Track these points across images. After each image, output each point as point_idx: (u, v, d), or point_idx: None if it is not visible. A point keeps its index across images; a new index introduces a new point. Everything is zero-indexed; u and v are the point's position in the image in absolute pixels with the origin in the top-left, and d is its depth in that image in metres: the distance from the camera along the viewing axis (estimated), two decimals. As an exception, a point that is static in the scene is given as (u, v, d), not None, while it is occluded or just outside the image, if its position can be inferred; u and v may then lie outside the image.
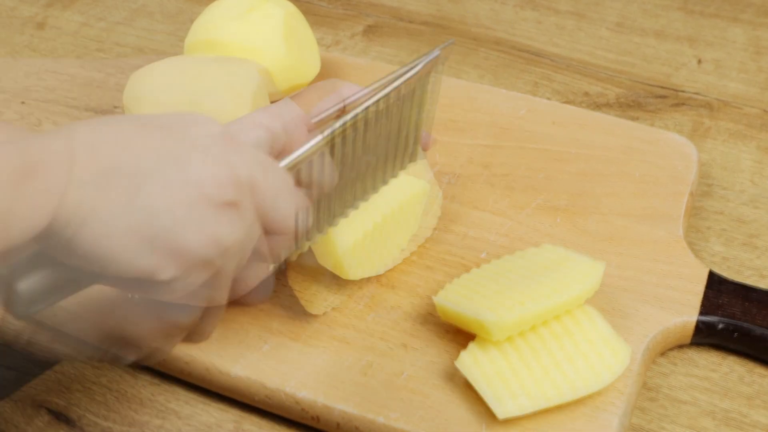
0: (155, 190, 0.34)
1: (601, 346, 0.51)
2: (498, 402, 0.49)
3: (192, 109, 0.62)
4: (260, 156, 0.39)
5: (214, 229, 0.35)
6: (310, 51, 0.72)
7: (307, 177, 0.46)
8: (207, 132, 0.37)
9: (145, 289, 0.37)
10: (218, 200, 0.35)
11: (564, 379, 0.49)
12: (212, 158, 0.36)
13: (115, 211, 0.33)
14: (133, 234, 0.33)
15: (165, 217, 0.34)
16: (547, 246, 0.57)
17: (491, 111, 0.71)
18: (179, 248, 0.34)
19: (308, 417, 0.52)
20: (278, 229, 0.39)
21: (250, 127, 0.42)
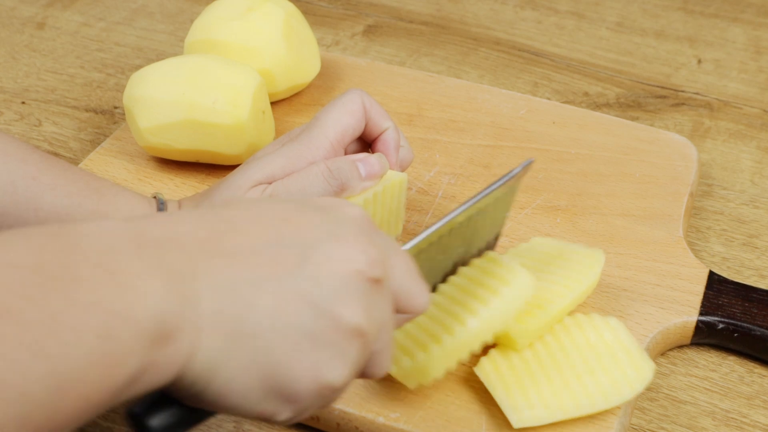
0: (277, 341, 0.36)
1: (623, 360, 0.50)
2: (514, 411, 0.48)
3: (192, 111, 0.62)
4: (391, 239, 0.42)
5: (365, 303, 0.38)
6: (311, 51, 0.72)
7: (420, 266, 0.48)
8: (352, 215, 0.40)
9: (266, 422, 0.41)
10: (370, 276, 0.38)
11: (583, 392, 0.48)
12: (362, 237, 0.39)
13: (239, 369, 0.36)
14: (254, 386, 0.36)
15: (283, 361, 0.36)
16: (537, 239, 0.57)
17: (491, 111, 0.71)
18: (292, 395, 0.37)
19: (308, 417, 0.51)
20: (408, 309, 0.42)
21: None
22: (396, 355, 0.48)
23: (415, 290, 0.41)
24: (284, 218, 0.38)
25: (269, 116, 0.67)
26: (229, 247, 0.36)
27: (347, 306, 0.37)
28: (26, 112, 0.77)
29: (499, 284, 0.48)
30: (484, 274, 0.50)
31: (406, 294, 0.41)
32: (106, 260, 0.33)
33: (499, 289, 0.48)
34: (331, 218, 0.39)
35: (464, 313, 0.48)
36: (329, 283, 0.37)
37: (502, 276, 0.49)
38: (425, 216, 0.62)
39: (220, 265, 0.36)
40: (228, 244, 0.36)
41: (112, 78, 0.80)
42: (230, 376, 0.36)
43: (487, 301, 0.48)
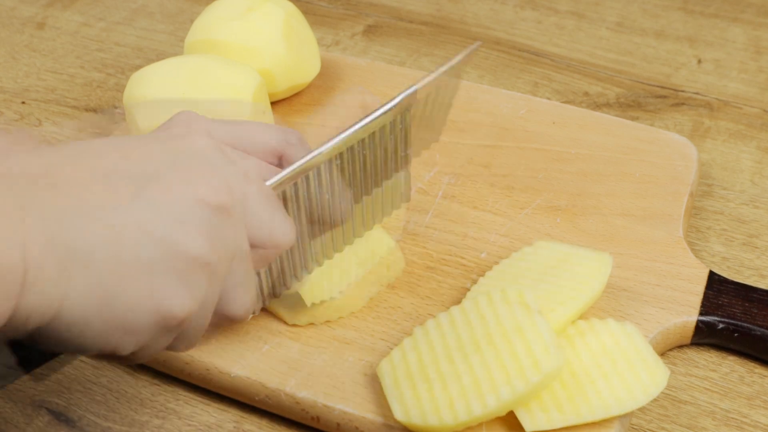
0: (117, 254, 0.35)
1: (638, 366, 0.49)
2: (528, 414, 0.48)
3: (193, 109, 0.62)
4: (249, 169, 0.41)
5: (209, 231, 0.36)
6: (311, 51, 0.72)
7: (292, 204, 0.47)
8: (198, 145, 0.39)
9: (110, 359, 0.39)
10: (214, 203, 0.37)
11: (597, 397, 0.48)
12: (206, 165, 0.38)
13: (75, 299, 0.34)
14: (90, 317, 0.35)
15: (120, 290, 0.35)
16: (541, 243, 0.57)
17: (491, 111, 0.71)
18: (132, 326, 0.36)
19: (308, 417, 0.51)
20: (268, 242, 0.40)
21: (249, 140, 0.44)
22: (417, 409, 0.48)
23: (273, 223, 0.40)
24: (122, 150, 0.37)
25: (269, 116, 0.67)
26: (61, 179, 0.35)
27: (187, 233, 0.36)
28: (26, 112, 0.77)
29: (531, 366, 0.47)
30: (518, 335, 0.48)
31: (264, 226, 0.39)
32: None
33: (527, 373, 0.47)
34: (174, 148, 0.38)
35: (487, 385, 0.47)
36: (167, 211, 0.36)
37: (535, 356, 0.47)
38: (426, 216, 0.62)
39: (50, 198, 0.34)
40: (60, 177, 0.35)
41: (112, 78, 0.80)
42: (67, 308, 0.34)
43: (512, 382, 0.47)
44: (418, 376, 0.49)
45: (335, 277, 0.54)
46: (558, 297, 0.53)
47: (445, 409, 0.47)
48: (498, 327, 0.49)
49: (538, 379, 0.46)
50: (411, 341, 0.51)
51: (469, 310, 0.51)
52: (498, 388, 0.47)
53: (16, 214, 0.33)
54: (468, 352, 0.49)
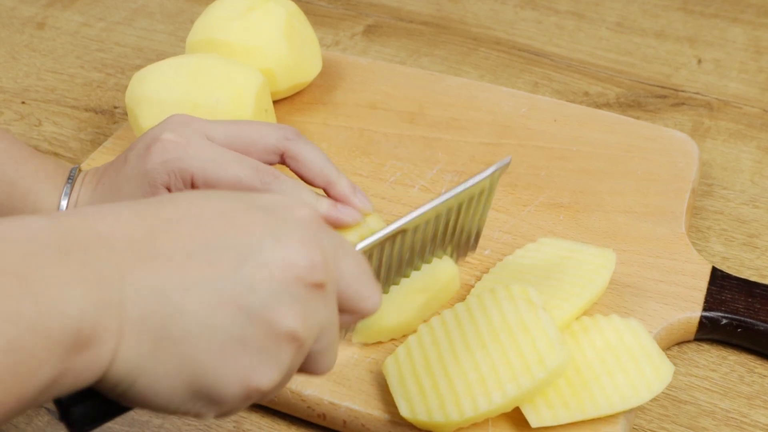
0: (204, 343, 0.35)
1: (642, 361, 0.50)
2: (534, 410, 0.48)
3: (195, 110, 0.62)
4: (342, 238, 0.41)
5: (303, 308, 0.37)
6: (312, 50, 0.72)
7: (376, 262, 0.48)
8: (299, 216, 0.39)
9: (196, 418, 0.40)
10: (310, 281, 0.37)
11: (602, 393, 0.48)
12: (306, 240, 0.37)
13: (165, 373, 0.35)
14: (178, 390, 0.35)
15: (210, 365, 0.35)
16: (545, 240, 0.57)
17: (493, 109, 0.71)
18: (218, 399, 0.36)
19: (314, 415, 0.51)
20: (357, 311, 0.41)
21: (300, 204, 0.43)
22: (423, 404, 0.48)
23: (365, 293, 0.40)
24: (226, 217, 0.37)
25: (271, 115, 0.67)
26: (163, 249, 0.35)
27: (281, 312, 0.36)
28: (26, 112, 0.77)
29: (536, 362, 0.47)
30: (523, 332, 0.48)
31: (356, 296, 0.40)
32: (22, 267, 0.31)
33: (533, 370, 0.47)
34: (276, 219, 0.37)
35: (493, 381, 0.47)
36: (264, 288, 0.35)
37: (540, 352, 0.47)
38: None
39: (150, 269, 0.34)
40: (162, 246, 0.35)
41: (112, 78, 0.80)
42: (155, 380, 0.35)
43: (517, 378, 0.47)
44: (424, 373, 0.49)
45: (400, 302, 0.53)
46: (562, 293, 0.53)
47: (450, 406, 0.47)
48: (503, 323, 0.49)
49: (544, 375, 0.46)
50: (416, 338, 0.51)
51: (473, 307, 0.51)
52: (503, 384, 0.47)
53: (117, 286, 0.33)
54: (473, 348, 0.49)
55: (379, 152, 0.67)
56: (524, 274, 0.55)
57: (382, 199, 0.63)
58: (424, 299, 0.53)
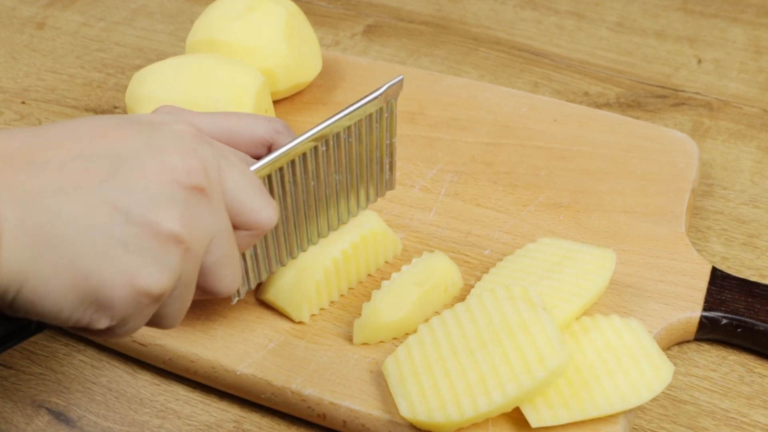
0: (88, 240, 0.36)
1: (642, 361, 0.50)
2: (533, 410, 0.48)
3: (195, 108, 0.62)
4: (230, 152, 0.42)
5: (183, 211, 0.37)
6: (312, 50, 0.72)
7: (278, 188, 0.48)
8: (176, 129, 0.40)
9: (93, 335, 0.40)
10: (188, 183, 0.37)
11: (602, 393, 0.48)
12: (182, 147, 0.38)
13: (49, 275, 0.35)
14: (65, 293, 0.36)
15: (93, 266, 0.36)
16: (544, 240, 0.57)
17: (493, 109, 0.71)
18: (106, 302, 0.37)
19: (314, 415, 0.51)
20: (251, 224, 0.41)
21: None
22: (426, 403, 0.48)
23: (255, 204, 0.41)
24: (100, 131, 0.38)
25: (271, 115, 0.67)
26: (37, 159, 0.36)
27: (160, 213, 0.37)
28: (26, 112, 0.77)
29: (536, 362, 0.47)
30: (523, 331, 0.48)
31: (245, 207, 0.40)
32: None
33: (533, 370, 0.47)
34: (151, 131, 0.38)
35: (493, 381, 0.47)
36: (142, 191, 0.36)
37: (540, 352, 0.47)
38: (429, 214, 0.62)
39: (24, 176, 0.35)
40: (36, 157, 0.36)
41: (112, 78, 0.80)
42: (40, 284, 0.35)
43: (517, 378, 0.47)
44: (424, 373, 0.49)
45: (395, 298, 0.53)
46: (562, 293, 0.53)
47: (450, 406, 0.47)
48: (503, 323, 0.49)
49: (544, 375, 0.46)
50: (416, 338, 0.51)
51: (473, 307, 0.51)
52: (504, 384, 0.47)
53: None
54: (473, 348, 0.49)
55: (379, 152, 0.68)
56: (524, 274, 0.55)
57: (382, 199, 0.63)
58: (419, 293, 0.53)
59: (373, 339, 0.53)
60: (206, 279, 0.41)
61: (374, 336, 0.53)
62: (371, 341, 0.54)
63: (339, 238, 0.55)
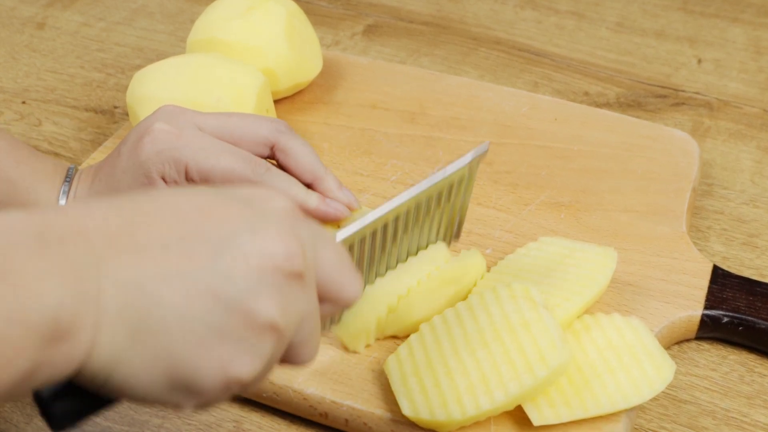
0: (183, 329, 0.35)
1: (644, 360, 0.50)
2: (536, 408, 0.48)
3: (196, 108, 0.62)
4: (321, 229, 0.41)
5: (281, 299, 0.37)
6: (312, 49, 0.72)
7: (357, 254, 0.49)
8: (277, 207, 0.39)
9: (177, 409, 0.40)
10: (288, 270, 0.37)
11: (604, 391, 0.48)
12: (283, 231, 0.38)
13: (143, 364, 0.35)
14: (156, 381, 0.35)
15: (188, 356, 0.35)
16: (546, 239, 0.57)
17: (493, 108, 0.71)
18: (197, 390, 0.36)
19: (316, 414, 0.51)
20: (337, 300, 0.41)
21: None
22: (424, 401, 0.48)
23: (344, 282, 0.40)
24: (202, 210, 0.37)
25: (272, 114, 0.67)
26: (139, 241, 0.35)
27: (260, 302, 0.36)
28: (26, 112, 0.77)
29: (538, 360, 0.47)
30: (525, 330, 0.48)
31: (335, 285, 0.40)
32: (3, 259, 0.32)
33: (535, 368, 0.47)
34: (253, 210, 0.38)
35: (495, 380, 0.47)
36: (242, 278, 0.35)
37: (542, 350, 0.47)
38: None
39: (127, 261, 0.34)
40: (139, 238, 0.35)
41: (112, 78, 0.80)
42: (133, 371, 0.35)
43: (519, 377, 0.47)
44: (426, 372, 0.49)
45: (431, 295, 0.53)
46: (563, 292, 0.53)
47: (453, 404, 0.47)
48: (504, 322, 0.49)
49: (546, 373, 0.46)
50: (418, 337, 0.51)
51: (475, 306, 0.51)
52: (506, 382, 0.47)
53: (93, 278, 0.33)
54: (475, 347, 0.49)
55: (380, 151, 0.68)
56: (526, 273, 0.55)
57: (383, 199, 0.63)
58: (454, 291, 0.53)
59: (402, 333, 0.53)
60: (289, 354, 0.40)
61: (406, 330, 0.53)
62: (401, 334, 0.54)
63: (405, 275, 0.53)
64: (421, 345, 0.50)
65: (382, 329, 0.53)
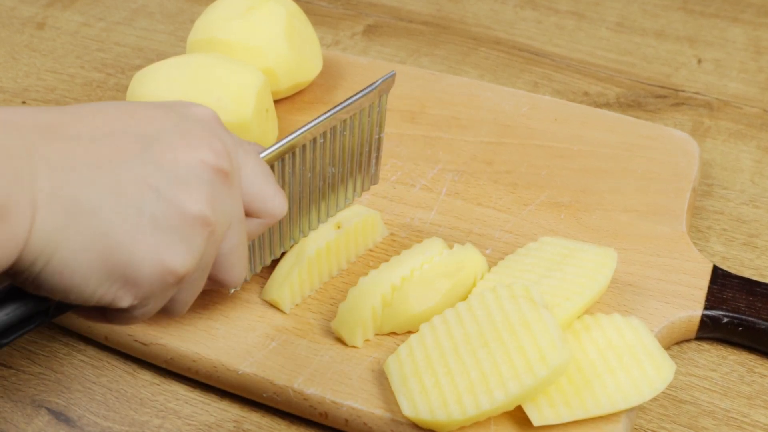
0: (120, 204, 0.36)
1: (644, 360, 0.50)
2: (536, 408, 0.48)
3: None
4: (243, 141, 0.43)
5: (210, 192, 0.38)
6: (313, 49, 0.72)
7: (279, 173, 0.50)
8: (200, 114, 0.41)
9: (110, 317, 0.40)
10: (215, 166, 0.38)
11: (604, 391, 0.48)
12: (207, 131, 0.39)
13: (78, 247, 0.35)
14: (94, 266, 0.36)
15: (123, 240, 0.36)
16: (546, 239, 0.57)
17: (493, 108, 0.71)
18: (133, 278, 0.37)
19: (316, 414, 0.51)
20: (262, 212, 0.42)
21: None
22: (424, 400, 0.48)
23: (268, 192, 0.41)
24: (128, 112, 0.38)
25: (272, 114, 0.67)
26: (70, 132, 0.36)
27: (190, 193, 0.37)
28: (26, 112, 0.77)
29: (538, 360, 0.47)
30: (525, 330, 0.49)
31: (259, 196, 0.41)
32: None
33: (535, 368, 0.47)
34: (177, 114, 0.39)
35: (495, 379, 0.47)
36: (172, 169, 0.37)
37: (542, 350, 0.47)
38: (430, 213, 0.62)
39: (59, 147, 0.35)
40: (69, 130, 0.36)
41: (112, 78, 0.80)
42: (69, 255, 0.35)
43: (519, 377, 0.47)
44: (426, 372, 0.49)
45: (425, 289, 0.54)
46: (563, 292, 0.53)
47: (453, 404, 0.47)
48: (505, 322, 0.49)
49: (546, 373, 0.46)
50: (418, 337, 0.51)
51: (475, 306, 0.51)
52: (506, 382, 0.47)
53: (26, 160, 0.34)
54: (475, 347, 0.49)
55: (379, 151, 0.68)
56: (526, 272, 0.55)
57: (383, 198, 0.63)
58: (449, 285, 0.53)
59: (401, 329, 0.54)
60: (218, 267, 0.41)
61: (403, 326, 0.53)
62: (399, 331, 0.54)
63: (399, 265, 0.54)
64: (421, 345, 0.50)
65: (379, 323, 0.53)
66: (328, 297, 0.57)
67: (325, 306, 0.56)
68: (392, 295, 0.53)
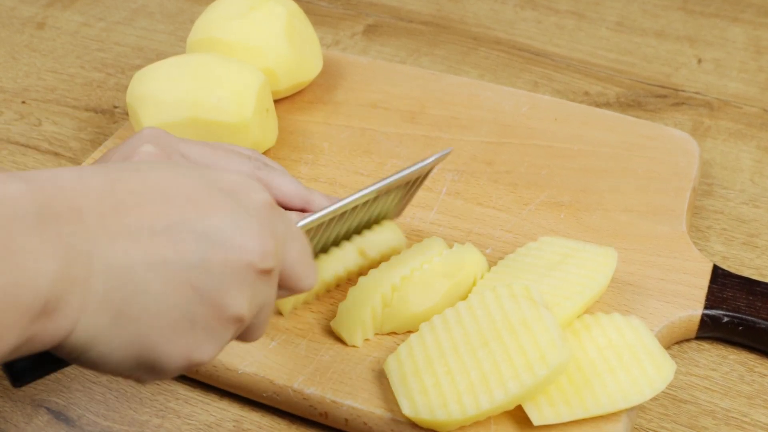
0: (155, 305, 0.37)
1: (644, 359, 0.50)
2: (536, 408, 0.48)
3: (196, 109, 0.62)
4: (292, 224, 0.43)
5: (250, 294, 0.39)
6: (313, 49, 0.72)
7: (313, 238, 0.51)
8: (258, 201, 0.41)
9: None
10: (261, 267, 0.39)
11: (604, 391, 0.48)
12: (263, 228, 0.40)
13: (118, 346, 0.36)
14: (127, 360, 0.37)
15: (159, 341, 0.37)
16: (546, 238, 0.57)
17: (494, 108, 0.71)
18: (159, 369, 0.38)
19: (316, 413, 0.51)
20: (294, 289, 0.43)
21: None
22: (424, 400, 0.48)
23: (304, 273, 0.43)
24: (189, 198, 0.38)
25: (273, 114, 0.67)
26: (131, 224, 0.36)
27: (231, 296, 0.38)
28: (26, 112, 0.77)
29: (538, 360, 0.47)
30: (525, 329, 0.49)
31: (295, 276, 0.42)
32: (2, 233, 0.33)
33: (535, 367, 0.47)
34: (236, 204, 0.39)
35: (495, 379, 0.47)
36: (219, 272, 0.37)
37: (542, 350, 0.47)
38: (430, 213, 0.62)
39: (118, 246, 0.36)
40: (130, 221, 0.36)
41: (112, 78, 0.80)
42: (107, 351, 0.36)
43: (519, 376, 0.47)
44: (426, 371, 0.49)
45: (425, 289, 0.54)
46: (564, 291, 0.53)
47: (453, 404, 0.47)
48: (505, 321, 0.49)
49: (546, 372, 0.46)
50: (417, 337, 0.51)
51: (475, 305, 0.51)
52: (506, 382, 0.47)
53: (85, 257, 0.35)
54: (475, 346, 0.49)
55: (380, 151, 0.68)
56: (526, 272, 0.55)
57: (383, 198, 0.63)
58: (449, 285, 0.53)
59: (401, 329, 0.54)
60: (243, 334, 0.42)
61: (402, 326, 0.54)
62: (399, 331, 0.54)
63: (399, 265, 0.54)
64: (421, 344, 0.50)
65: (379, 323, 0.53)
66: (328, 297, 0.57)
67: (325, 306, 0.56)
68: (392, 294, 0.53)
